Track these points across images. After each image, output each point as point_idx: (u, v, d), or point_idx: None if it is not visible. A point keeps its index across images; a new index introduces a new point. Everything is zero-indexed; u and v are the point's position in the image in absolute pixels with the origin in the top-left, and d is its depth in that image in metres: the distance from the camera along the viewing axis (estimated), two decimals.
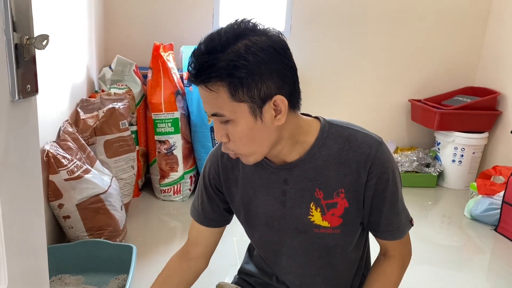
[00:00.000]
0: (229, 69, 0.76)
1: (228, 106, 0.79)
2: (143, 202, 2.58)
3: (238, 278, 1.16)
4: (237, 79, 0.77)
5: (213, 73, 0.76)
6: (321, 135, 0.91)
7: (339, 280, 1.02)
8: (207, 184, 1.03)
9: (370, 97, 3.26)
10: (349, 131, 0.92)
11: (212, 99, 0.80)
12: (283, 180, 0.93)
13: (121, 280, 1.69)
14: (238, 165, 0.98)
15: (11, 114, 0.65)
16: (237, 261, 1.94)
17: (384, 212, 0.93)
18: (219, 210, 1.04)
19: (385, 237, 0.97)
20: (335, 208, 0.91)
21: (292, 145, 0.90)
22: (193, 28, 2.98)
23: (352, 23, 3.09)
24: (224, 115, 0.80)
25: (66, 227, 1.78)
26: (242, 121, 0.81)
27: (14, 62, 0.63)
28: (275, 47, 0.80)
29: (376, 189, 0.90)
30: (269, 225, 0.97)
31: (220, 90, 0.78)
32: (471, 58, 3.25)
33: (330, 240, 0.94)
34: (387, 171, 0.90)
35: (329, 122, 0.93)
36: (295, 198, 0.93)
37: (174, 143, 2.54)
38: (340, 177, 0.90)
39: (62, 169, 1.70)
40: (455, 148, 3.01)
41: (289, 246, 0.97)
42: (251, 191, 0.97)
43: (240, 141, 0.83)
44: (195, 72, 0.79)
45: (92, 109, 2.20)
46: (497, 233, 2.42)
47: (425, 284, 1.89)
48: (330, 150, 0.90)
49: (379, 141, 0.91)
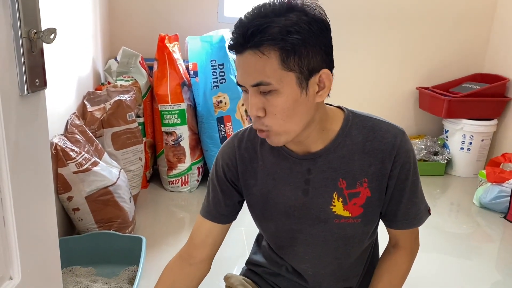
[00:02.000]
0: (284, 33, 0.75)
1: (276, 74, 0.78)
2: (151, 193, 2.60)
3: (246, 269, 1.15)
4: (290, 45, 0.76)
5: (268, 35, 0.75)
6: (345, 125, 0.92)
7: (350, 270, 1.02)
8: (221, 176, 1.00)
9: (377, 85, 3.23)
10: (373, 121, 0.93)
11: (260, 66, 0.77)
12: (307, 169, 0.93)
13: (132, 271, 1.70)
14: (257, 157, 0.97)
15: (20, 109, 0.65)
16: (245, 251, 1.94)
17: (404, 201, 0.93)
18: (231, 204, 1.01)
19: (402, 226, 0.96)
20: (357, 197, 0.91)
21: (319, 132, 0.90)
22: (198, 18, 2.96)
23: (360, 12, 3.05)
24: (271, 83, 0.78)
25: (75, 220, 1.80)
26: (288, 91, 0.79)
27: (22, 57, 0.63)
28: (324, 22, 0.81)
29: (398, 178, 0.91)
30: (289, 213, 0.96)
31: (271, 55, 0.77)
32: (479, 44, 3.21)
33: (349, 230, 0.94)
34: (409, 160, 0.91)
35: (352, 112, 0.94)
36: (318, 187, 0.92)
37: (181, 135, 2.54)
38: (364, 167, 0.90)
39: (71, 162, 1.70)
40: (464, 136, 2.99)
41: (308, 234, 0.96)
42: (271, 183, 0.96)
43: (280, 114, 0.80)
44: (249, 34, 0.76)
45: (99, 101, 2.20)
46: (507, 220, 2.41)
47: (434, 272, 1.89)
48: (354, 140, 0.91)
49: (402, 131, 0.92)
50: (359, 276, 1.05)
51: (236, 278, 1.10)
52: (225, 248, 1.74)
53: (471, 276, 1.89)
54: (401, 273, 0.99)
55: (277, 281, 1.08)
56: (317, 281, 1.01)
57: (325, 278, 1.01)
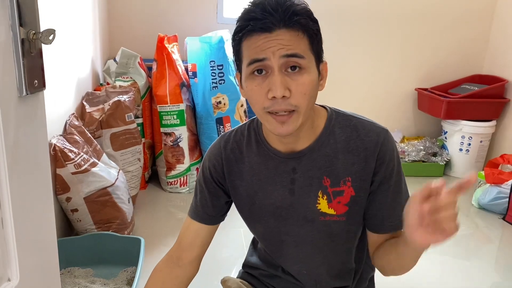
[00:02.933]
0: (311, 19, 0.82)
1: (307, 53, 0.81)
2: (150, 194, 2.59)
3: (243, 272, 1.15)
4: (316, 31, 0.83)
5: (303, 17, 0.80)
6: (328, 123, 0.92)
7: (344, 269, 1.02)
8: (207, 178, 1.00)
9: (376, 86, 3.23)
10: (355, 120, 0.93)
11: (296, 41, 0.80)
12: (292, 168, 0.93)
13: (130, 272, 1.70)
14: (243, 158, 0.97)
15: (19, 110, 0.65)
16: (244, 253, 1.94)
17: (388, 202, 0.92)
18: (219, 204, 1.01)
19: (388, 230, 0.94)
20: (341, 196, 0.92)
21: (309, 128, 0.90)
22: (197, 19, 2.96)
23: (359, 13, 3.05)
24: (305, 57, 0.81)
25: (74, 220, 1.79)
26: (312, 72, 0.83)
27: (21, 58, 0.63)
28: None
29: (382, 177, 0.91)
30: (277, 214, 0.96)
31: (303, 36, 0.81)
32: (478, 45, 3.22)
33: (335, 228, 0.94)
34: (393, 159, 0.91)
35: (335, 111, 0.95)
36: (304, 186, 0.93)
37: (180, 135, 2.54)
38: (347, 166, 0.90)
39: (69, 162, 1.70)
40: (462, 137, 2.99)
41: (297, 234, 0.97)
42: (257, 183, 0.96)
43: (309, 93, 0.82)
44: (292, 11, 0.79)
45: (97, 102, 2.20)
46: (505, 221, 2.41)
47: (433, 273, 1.89)
48: (338, 138, 0.91)
49: (385, 130, 0.92)
50: (354, 275, 1.04)
51: (233, 281, 1.10)
52: (224, 250, 1.73)
53: (470, 277, 1.89)
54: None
55: (273, 282, 1.08)
56: (312, 280, 1.02)
57: (319, 278, 1.01)
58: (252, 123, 0.99)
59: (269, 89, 0.80)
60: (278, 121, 0.83)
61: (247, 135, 0.98)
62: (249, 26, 0.80)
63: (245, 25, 0.81)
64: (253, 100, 0.84)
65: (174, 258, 1.04)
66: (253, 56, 0.81)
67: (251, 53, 0.81)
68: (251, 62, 0.81)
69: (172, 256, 1.04)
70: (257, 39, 0.80)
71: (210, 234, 1.04)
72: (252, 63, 0.81)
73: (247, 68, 0.83)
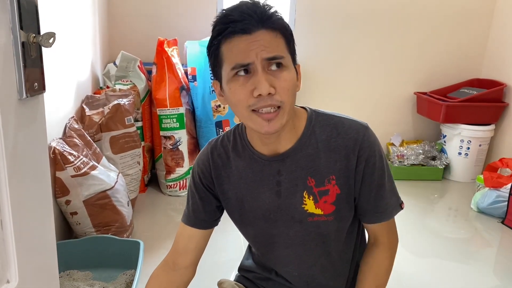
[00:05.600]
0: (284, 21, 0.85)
1: (285, 52, 0.84)
2: (149, 197, 2.59)
3: (239, 275, 1.17)
4: (290, 32, 0.86)
5: (279, 19, 0.84)
6: (309, 124, 0.94)
7: (335, 269, 1.03)
8: (198, 183, 1.02)
9: (375, 90, 3.24)
10: (335, 119, 0.95)
11: (275, 42, 0.83)
12: (277, 171, 0.94)
13: (129, 276, 1.70)
14: (230, 163, 0.98)
15: (19, 113, 0.65)
16: (242, 256, 1.94)
17: (372, 195, 0.94)
18: (210, 209, 1.03)
19: (372, 220, 0.97)
20: (327, 195, 0.93)
21: (290, 129, 0.92)
22: (197, 23, 2.97)
23: (357, 16, 3.07)
24: (284, 57, 0.83)
25: (73, 223, 1.79)
26: (292, 70, 0.85)
27: (22, 61, 0.63)
28: None
29: (364, 173, 0.92)
30: (266, 217, 0.97)
31: (280, 36, 0.84)
32: (477, 49, 3.23)
33: (324, 228, 0.95)
34: (374, 154, 0.92)
35: (315, 111, 0.96)
36: (289, 187, 0.94)
37: (179, 139, 2.54)
38: (330, 164, 0.92)
39: (69, 165, 1.70)
40: (461, 141, 2.99)
41: (286, 236, 0.98)
42: (244, 187, 0.97)
43: (291, 89, 0.84)
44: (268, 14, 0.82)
45: (97, 105, 2.20)
46: (504, 225, 2.41)
47: (432, 277, 1.89)
48: (319, 138, 0.93)
49: (365, 126, 0.94)
50: (347, 275, 1.05)
51: (229, 283, 1.12)
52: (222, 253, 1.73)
53: (469, 281, 1.89)
54: (383, 270, 0.99)
55: (268, 285, 1.09)
56: (304, 281, 1.02)
57: (311, 279, 1.02)
58: (237, 128, 1.01)
59: (255, 87, 0.81)
60: (264, 119, 0.83)
61: (233, 140, 0.99)
62: (229, 28, 0.81)
63: (224, 28, 0.82)
64: (236, 100, 0.84)
65: (170, 263, 1.05)
66: (238, 61, 0.82)
67: (234, 57, 0.82)
68: (235, 67, 0.82)
69: (168, 261, 1.05)
70: (239, 41, 0.81)
71: (204, 239, 1.05)
72: (237, 67, 0.82)
73: (231, 72, 0.83)
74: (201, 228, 1.03)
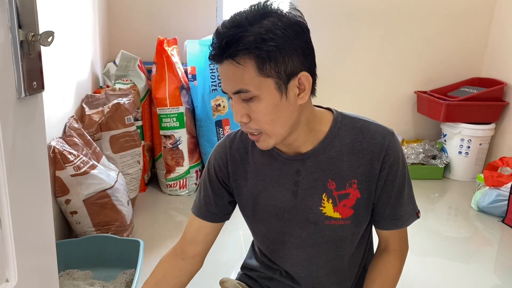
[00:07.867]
0: (258, 42, 0.76)
1: (254, 81, 0.79)
2: (149, 196, 2.59)
3: (241, 274, 1.16)
4: (265, 52, 0.77)
5: (242, 45, 0.76)
6: (334, 126, 0.92)
7: (344, 273, 1.02)
8: (212, 176, 1.01)
9: (376, 89, 3.24)
10: (362, 122, 0.93)
11: (238, 75, 0.79)
12: (296, 170, 0.93)
13: (129, 275, 1.70)
14: (248, 158, 0.97)
15: (17, 111, 0.65)
16: (243, 255, 1.94)
17: (391, 202, 0.94)
18: (222, 203, 1.02)
19: (387, 227, 0.97)
20: (347, 199, 0.92)
21: (307, 133, 0.90)
22: (197, 22, 2.97)
23: (358, 15, 3.06)
24: (249, 90, 0.79)
25: (73, 223, 1.79)
26: (267, 97, 0.80)
27: (20, 59, 0.63)
28: (299, 25, 0.82)
29: (387, 179, 0.91)
30: (279, 216, 0.96)
31: (248, 64, 0.78)
32: (477, 48, 3.23)
33: (340, 232, 0.94)
34: (398, 161, 0.92)
35: (341, 114, 0.95)
36: (307, 188, 0.93)
37: (179, 138, 2.54)
38: (353, 168, 0.91)
39: (69, 165, 1.70)
40: (462, 140, 2.99)
41: (299, 236, 0.97)
42: (260, 183, 0.96)
43: (263, 119, 0.82)
44: (223, 45, 0.77)
45: (97, 104, 2.20)
46: (505, 224, 2.41)
47: (432, 276, 1.89)
48: (343, 141, 0.91)
49: (391, 132, 0.93)
50: (353, 279, 1.04)
51: (231, 282, 1.11)
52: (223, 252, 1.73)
53: (469, 280, 1.89)
54: (391, 277, 0.98)
55: (271, 285, 1.08)
56: (310, 284, 1.01)
57: (318, 281, 1.01)
58: None
59: None
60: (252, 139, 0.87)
61: None
62: (210, 56, 0.82)
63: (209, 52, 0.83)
64: None
65: (178, 250, 1.05)
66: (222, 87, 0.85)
67: None
68: None
69: (177, 249, 1.06)
70: (218, 68, 0.83)
71: (213, 232, 1.04)
72: None
73: None
74: (211, 221, 1.02)
